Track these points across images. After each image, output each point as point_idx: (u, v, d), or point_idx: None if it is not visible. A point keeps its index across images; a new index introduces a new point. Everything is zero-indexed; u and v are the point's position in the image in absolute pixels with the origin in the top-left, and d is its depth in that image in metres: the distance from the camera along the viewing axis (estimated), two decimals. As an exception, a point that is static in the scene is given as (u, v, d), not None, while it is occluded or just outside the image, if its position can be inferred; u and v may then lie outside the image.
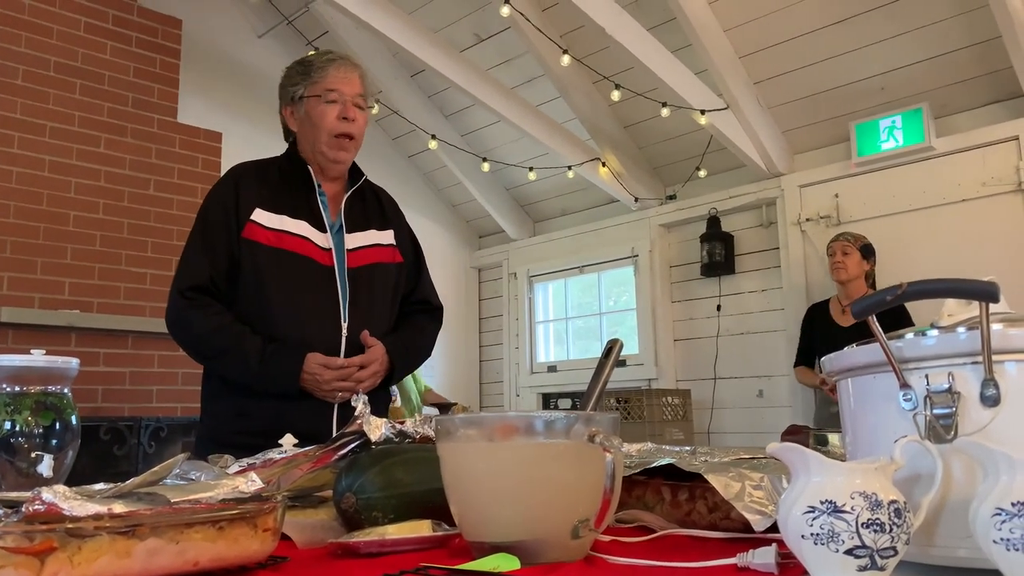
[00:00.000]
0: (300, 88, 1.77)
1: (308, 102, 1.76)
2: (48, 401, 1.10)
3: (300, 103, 1.77)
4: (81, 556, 0.64)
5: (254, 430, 1.60)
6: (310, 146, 1.78)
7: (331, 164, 1.79)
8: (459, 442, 0.83)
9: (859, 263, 3.71)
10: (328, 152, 1.76)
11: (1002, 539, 0.59)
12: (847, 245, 3.73)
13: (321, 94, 1.74)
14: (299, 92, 1.77)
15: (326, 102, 1.73)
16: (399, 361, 1.80)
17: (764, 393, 4.68)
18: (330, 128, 1.74)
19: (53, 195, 3.92)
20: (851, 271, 3.70)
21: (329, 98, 1.73)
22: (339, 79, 1.75)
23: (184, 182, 4.40)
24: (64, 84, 4.05)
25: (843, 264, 3.70)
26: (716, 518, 0.96)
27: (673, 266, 5.26)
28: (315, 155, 1.78)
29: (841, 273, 3.71)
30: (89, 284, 3.97)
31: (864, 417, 0.77)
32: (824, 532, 0.62)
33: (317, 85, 1.74)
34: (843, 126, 4.35)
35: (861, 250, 3.72)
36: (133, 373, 3.95)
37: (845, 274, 3.70)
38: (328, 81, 1.74)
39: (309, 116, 1.76)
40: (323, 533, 0.96)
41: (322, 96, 1.74)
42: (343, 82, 1.75)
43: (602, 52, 4.44)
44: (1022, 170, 3.82)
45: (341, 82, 1.75)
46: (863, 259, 3.72)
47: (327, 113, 1.73)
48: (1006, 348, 0.68)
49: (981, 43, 3.75)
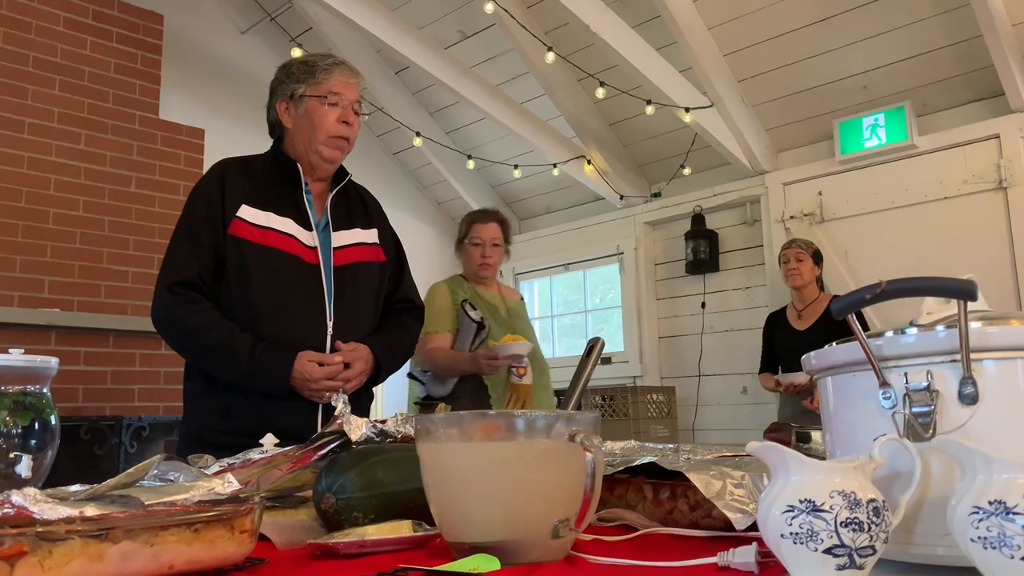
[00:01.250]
0: (302, 87, 1.79)
1: (309, 101, 1.78)
2: (27, 401, 1.08)
3: (300, 101, 1.79)
4: (52, 560, 0.63)
5: (239, 429, 1.59)
6: (304, 144, 1.80)
7: (324, 163, 1.82)
8: (439, 442, 0.83)
9: (811, 268, 3.86)
10: (324, 151, 1.79)
11: (979, 537, 0.59)
12: (800, 252, 3.87)
13: (325, 95, 1.78)
14: (300, 90, 1.79)
15: (328, 104, 1.78)
16: (384, 361, 1.81)
17: (748, 390, 4.70)
18: (330, 130, 1.78)
19: (32, 192, 3.87)
20: (805, 276, 3.85)
21: (331, 100, 1.78)
22: (342, 84, 1.80)
23: (166, 179, 4.35)
24: (43, 80, 4.00)
25: (797, 270, 3.84)
26: (698, 516, 0.96)
27: (658, 264, 5.27)
28: (308, 153, 1.80)
29: (796, 279, 3.85)
30: (69, 282, 3.93)
31: (844, 415, 0.77)
32: (803, 531, 0.62)
33: (321, 86, 1.78)
34: (826, 124, 4.38)
35: (812, 256, 3.88)
36: (114, 372, 3.91)
37: (800, 279, 3.85)
38: (332, 84, 1.79)
39: (309, 115, 1.78)
40: (303, 534, 0.95)
41: (326, 98, 1.78)
42: (346, 87, 1.80)
43: (587, 49, 4.44)
44: (1003, 168, 3.85)
45: (344, 87, 1.80)
46: (814, 264, 3.87)
47: (328, 115, 1.78)
48: (984, 346, 0.68)
49: (962, 42, 3.78)
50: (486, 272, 2.93)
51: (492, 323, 2.85)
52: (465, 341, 2.82)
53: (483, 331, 2.81)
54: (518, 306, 3.08)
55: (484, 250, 2.90)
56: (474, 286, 2.95)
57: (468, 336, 2.81)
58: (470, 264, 2.94)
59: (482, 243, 2.90)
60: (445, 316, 2.85)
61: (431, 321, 2.76)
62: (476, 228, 2.93)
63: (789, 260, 3.86)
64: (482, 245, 2.90)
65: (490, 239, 2.91)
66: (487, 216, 2.97)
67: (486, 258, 2.90)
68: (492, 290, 2.99)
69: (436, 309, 2.83)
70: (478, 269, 2.91)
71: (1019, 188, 3.82)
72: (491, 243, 2.91)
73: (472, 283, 2.96)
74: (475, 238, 2.91)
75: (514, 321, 2.96)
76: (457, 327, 2.85)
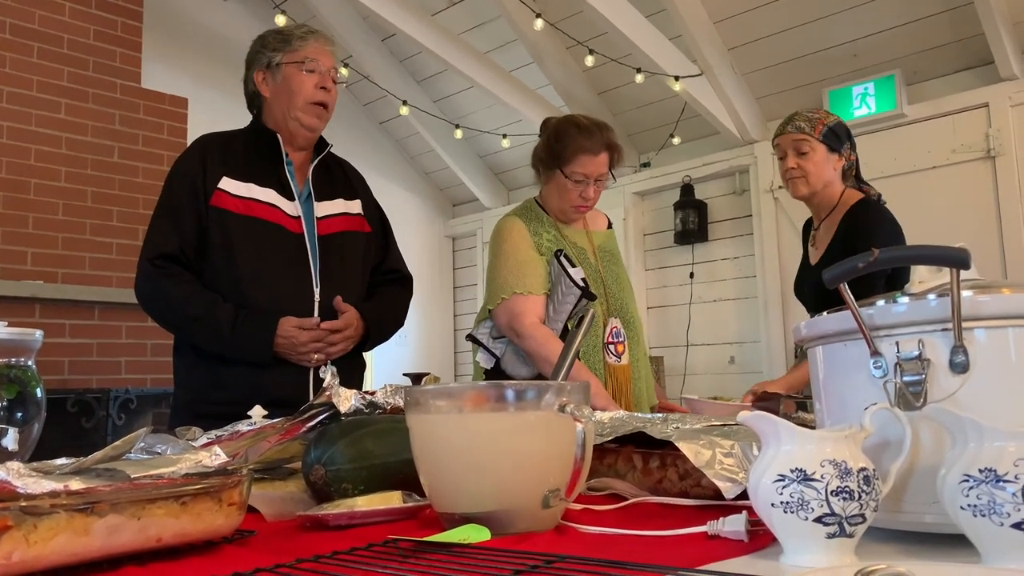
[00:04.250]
0: (278, 55, 1.81)
1: (286, 69, 1.80)
2: (11, 374, 1.07)
3: (277, 69, 1.81)
4: (37, 535, 0.62)
5: (231, 399, 1.59)
6: (283, 112, 1.81)
7: (303, 131, 1.81)
8: (429, 413, 0.82)
9: (825, 160, 2.19)
10: (303, 119, 1.79)
11: (969, 505, 0.59)
12: (801, 140, 2.19)
13: (302, 61, 1.79)
14: (277, 59, 1.81)
15: (306, 71, 1.79)
16: (374, 327, 1.82)
17: (736, 360, 4.73)
18: (308, 96, 1.79)
19: (12, 163, 3.81)
20: (814, 179, 2.19)
21: (309, 67, 1.79)
22: (318, 50, 1.81)
23: (149, 149, 4.29)
24: (21, 47, 3.91)
25: (801, 171, 2.20)
26: (687, 485, 0.96)
27: (647, 234, 5.27)
28: (287, 122, 1.81)
29: (800, 186, 2.21)
30: (52, 254, 3.89)
31: (834, 385, 0.77)
32: (794, 500, 0.62)
33: (297, 53, 1.80)
34: (816, 93, 4.35)
35: (826, 138, 2.19)
36: (100, 344, 3.88)
37: (806, 186, 2.21)
38: (308, 51, 1.80)
39: (287, 82, 1.79)
40: (292, 506, 0.95)
41: (303, 63, 1.79)
42: (322, 54, 1.82)
43: (576, 16, 4.39)
44: (991, 137, 3.85)
45: (320, 53, 1.81)
46: (830, 152, 2.20)
47: (306, 81, 1.79)
48: (976, 315, 0.68)
49: (953, 9, 3.76)
50: (581, 214, 2.18)
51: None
52: (561, 312, 2.05)
53: (585, 302, 2.05)
54: (608, 241, 2.26)
55: (586, 189, 2.07)
56: (556, 221, 2.17)
57: (565, 306, 2.05)
58: (561, 201, 2.12)
59: (586, 180, 2.07)
60: (535, 269, 2.06)
61: (517, 275, 2.05)
62: (582, 160, 2.05)
63: (786, 155, 2.23)
64: (585, 182, 2.07)
65: (597, 175, 2.08)
66: (596, 142, 2.06)
67: (587, 200, 2.10)
68: (578, 226, 2.20)
69: (521, 259, 2.07)
70: (572, 211, 2.13)
71: (1007, 157, 3.82)
72: (597, 180, 2.08)
73: (554, 217, 2.17)
74: (577, 173, 2.05)
75: (606, 268, 2.17)
76: (550, 284, 2.08)
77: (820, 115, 2.23)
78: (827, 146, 2.18)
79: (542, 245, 2.10)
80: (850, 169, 2.26)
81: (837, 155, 2.21)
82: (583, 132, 2.06)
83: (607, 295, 2.11)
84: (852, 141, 2.25)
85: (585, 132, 2.06)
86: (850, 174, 2.27)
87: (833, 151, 2.20)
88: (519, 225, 2.12)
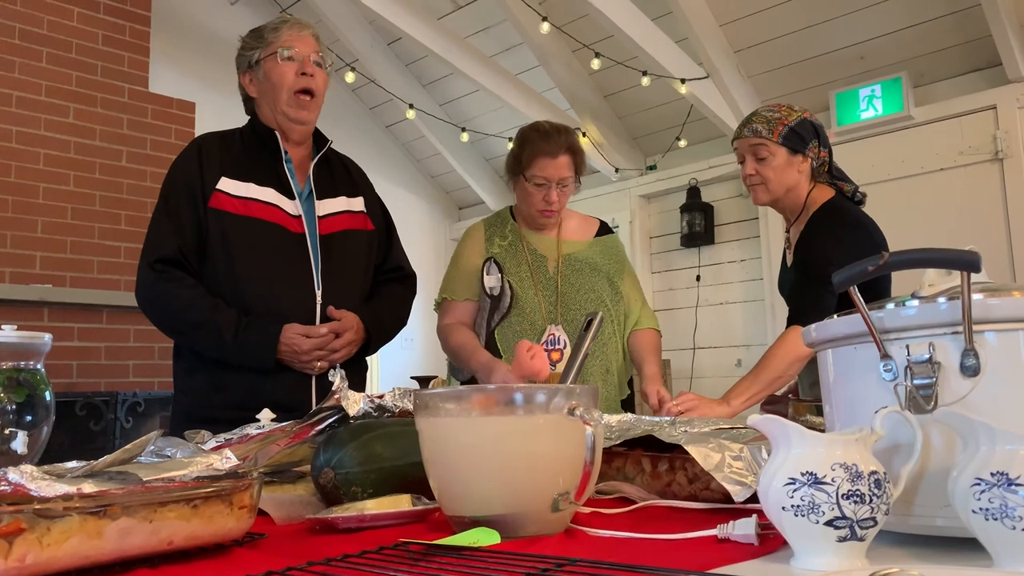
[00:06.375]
0: (256, 52, 1.77)
1: (266, 63, 1.76)
2: (21, 377, 1.08)
3: (258, 67, 1.77)
4: (51, 537, 0.62)
5: (231, 404, 1.59)
6: (271, 107, 1.77)
7: (293, 125, 1.78)
8: (439, 416, 0.82)
9: (786, 164, 1.98)
10: (290, 111, 1.75)
11: (981, 509, 0.59)
12: (758, 144, 1.98)
13: (277, 52, 1.74)
14: (255, 56, 1.77)
15: (283, 59, 1.74)
16: (375, 330, 1.79)
17: (743, 362, 4.71)
18: (290, 85, 1.74)
19: (21, 167, 3.83)
20: (775, 184, 1.99)
21: (286, 55, 1.74)
22: (294, 37, 1.76)
23: (157, 153, 4.31)
24: (30, 52, 3.93)
25: (760, 178, 2.00)
26: (696, 489, 0.96)
27: (653, 237, 5.26)
28: (277, 117, 1.77)
29: (760, 193, 2.03)
30: (61, 258, 3.90)
31: (844, 388, 0.77)
32: (805, 503, 0.62)
33: (272, 45, 1.75)
34: (823, 95, 4.34)
35: (786, 139, 1.96)
36: (108, 348, 3.89)
37: (766, 194, 2.02)
38: (283, 40, 1.75)
39: (268, 77, 1.75)
40: (301, 509, 0.95)
41: (279, 54, 1.74)
42: (298, 40, 1.76)
43: (582, 19, 4.39)
44: (999, 139, 3.84)
45: (296, 40, 1.76)
46: (792, 154, 1.98)
47: (286, 72, 1.74)
48: (987, 318, 0.68)
49: (960, 11, 3.75)
50: (548, 219, 2.12)
51: (526, 288, 2.07)
52: (481, 317, 2.12)
53: (500, 305, 2.06)
54: (587, 250, 2.17)
55: (548, 193, 2.04)
56: (521, 227, 2.16)
57: (483, 312, 2.11)
58: (527, 206, 2.10)
59: (547, 183, 2.03)
60: (464, 276, 2.13)
61: (445, 281, 2.18)
62: (540, 164, 2.02)
63: (744, 160, 2.03)
64: (546, 186, 2.04)
65: (557, 178, 2.04)
66: (554, 145, 2.03)
67: (550, 204, 2.06)
68: (549, 233, 2.16)
69: (458, 265, 2.16)
70: (538, 216, 2.10)
71: (1015, 159, 3.81)
72: (558, 183, 2.04)
73: (522, 224, 2.17)
74: (537, 176, 2.03)
75: (569, 277, 2.11)
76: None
77: (781, 114, 2.00)
78: (788, 148, 1.97)
79: (492, 252, 2.13)
80: (821, 166, 2.04)
81: (801, 156, 1.98)
82: (543, 136, 2.05)
83: (559, 303, 2.08)
84: (821, 136, 2.03)
85: (544, 136, 2.05)
86: (821, 171, 2.05)
87: (796, 152, 1.98)
88: (476, 231, 2.19)
